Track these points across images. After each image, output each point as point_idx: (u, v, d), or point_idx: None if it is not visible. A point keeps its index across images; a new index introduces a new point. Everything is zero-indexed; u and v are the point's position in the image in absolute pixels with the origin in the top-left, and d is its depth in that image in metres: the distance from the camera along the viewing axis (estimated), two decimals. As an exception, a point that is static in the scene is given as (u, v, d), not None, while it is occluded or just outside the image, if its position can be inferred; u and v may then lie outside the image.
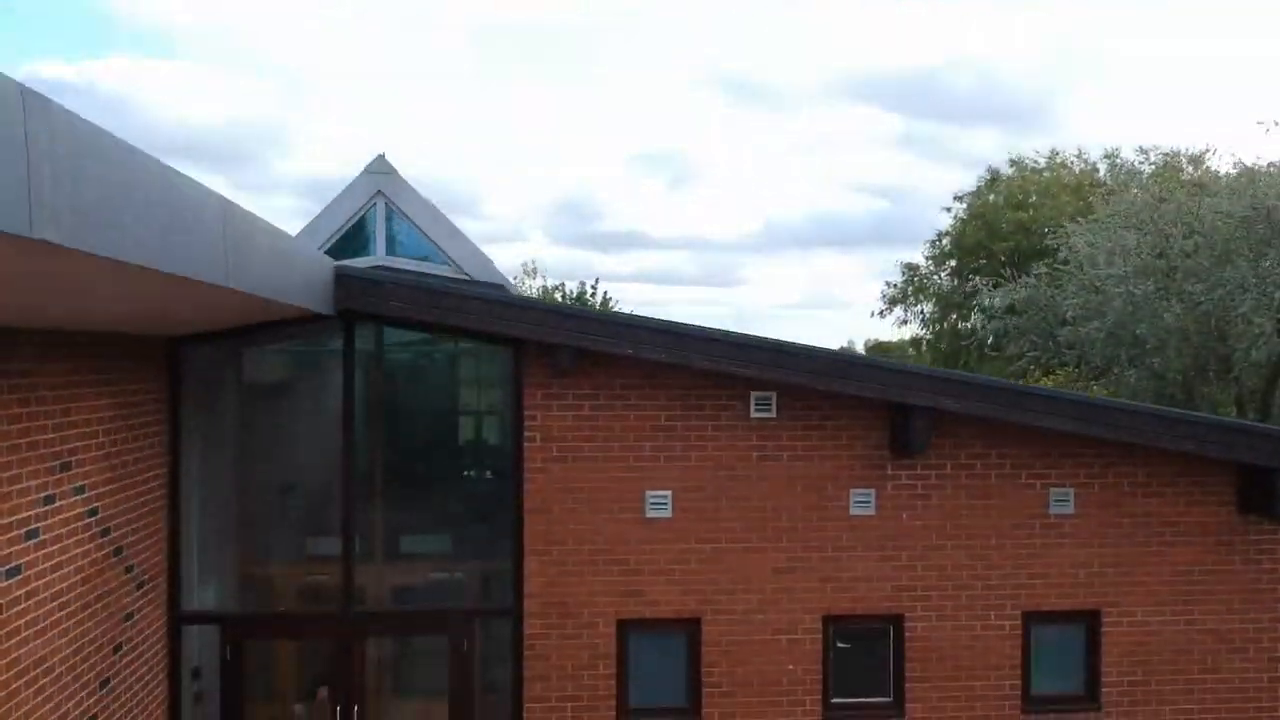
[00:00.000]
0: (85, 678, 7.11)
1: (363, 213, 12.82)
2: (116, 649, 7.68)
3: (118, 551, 7.70)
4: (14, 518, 6.10)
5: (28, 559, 6.30)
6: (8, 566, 6.01)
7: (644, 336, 8.62)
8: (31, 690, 6.35)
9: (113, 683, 7.59)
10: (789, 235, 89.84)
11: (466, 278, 13.20)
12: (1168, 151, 35.33)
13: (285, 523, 10.20)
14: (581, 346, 8.73)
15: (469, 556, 9.86)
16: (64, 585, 6.78)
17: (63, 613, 6.76)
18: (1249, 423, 9.33)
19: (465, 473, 10.15)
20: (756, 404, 9.22)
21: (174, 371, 8.87)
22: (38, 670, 6.43)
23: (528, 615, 9.04)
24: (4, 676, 6.00)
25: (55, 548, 6.66)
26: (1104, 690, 9.49)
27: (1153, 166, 34.27)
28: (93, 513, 7.25)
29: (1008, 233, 35.89)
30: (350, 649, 8.99)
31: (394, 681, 9.59)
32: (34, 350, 6.33)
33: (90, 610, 7.20)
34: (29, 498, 6.30)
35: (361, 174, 12.99)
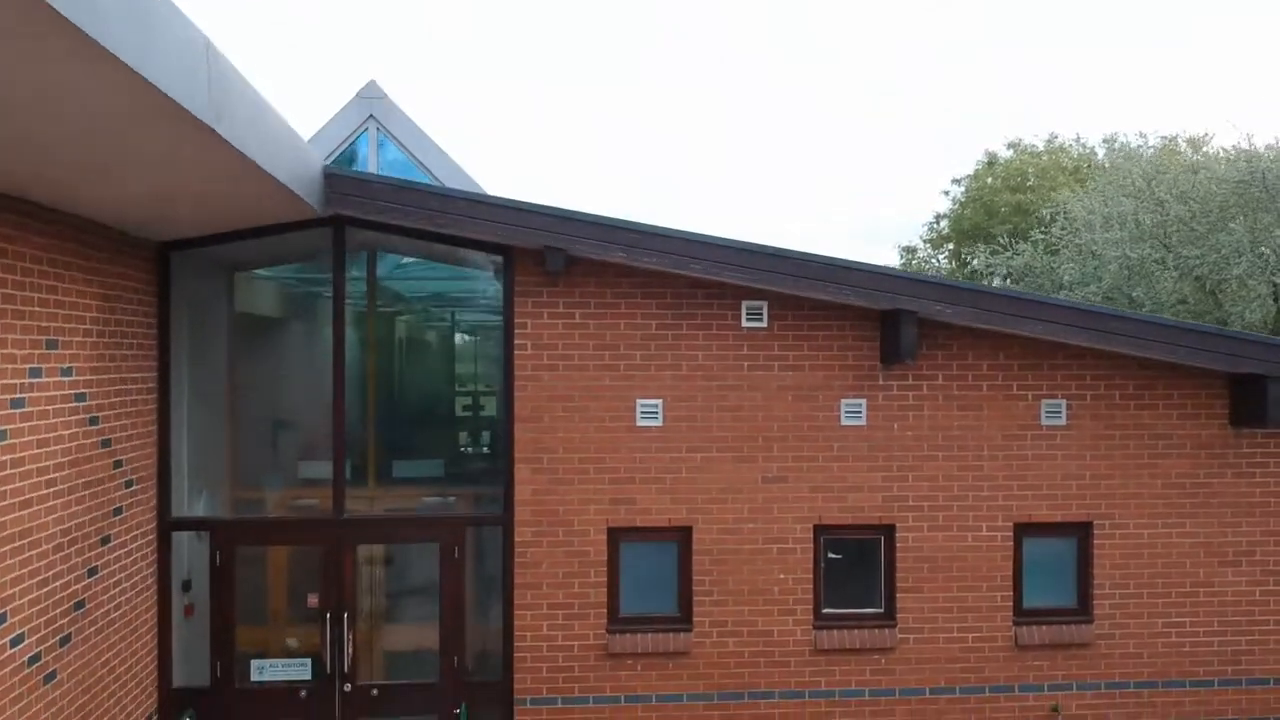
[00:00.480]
0: (73, 561, 7.10)
1: (353, 138, 12.79)
2: (104, 541, 7.66)
3: (106, 443, 7.69)
4: (-2, 381, 6.08)
5: (12, 428, 6.28)
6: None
7: (636, 240, 8.60)
8: (17, 561, 6.33)
9: (101, 573, 7.58)
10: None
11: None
12: (1167, 135, 35.38)
13: (276, 444, 10.21)
14: (573, 252, 8.71)
15: (463, 482, 9.85)
16: (50, 464, 6.77)
17: (50, 490, 6.74)
18: (1240, 331, 9.30)
19: (458, 392, 10.15)
20: (748, 314, 9.21)
21: (163, 280, 8.85)
22: (24, 542, 6.41)
23: (518, 523, 9.02)
24: (-12, 537, 5.99)
25: (41, 423, 6.64)
26: (1096, 602, 9.47)
27: (1151, 150, 34.31)
28: (80, 398, 7.23)
29: (1006, 215, 35.90)
30: (341, 555, 8.96)
31: (385, 589, 9.56)
32: (16, 218, 6.31)
33: (78, 496, 7.18)
34: (14, 365, 6.29)
35: (353, 99, 12.97)
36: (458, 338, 10.42)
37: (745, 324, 9.21)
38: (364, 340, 9.39)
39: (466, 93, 73.05)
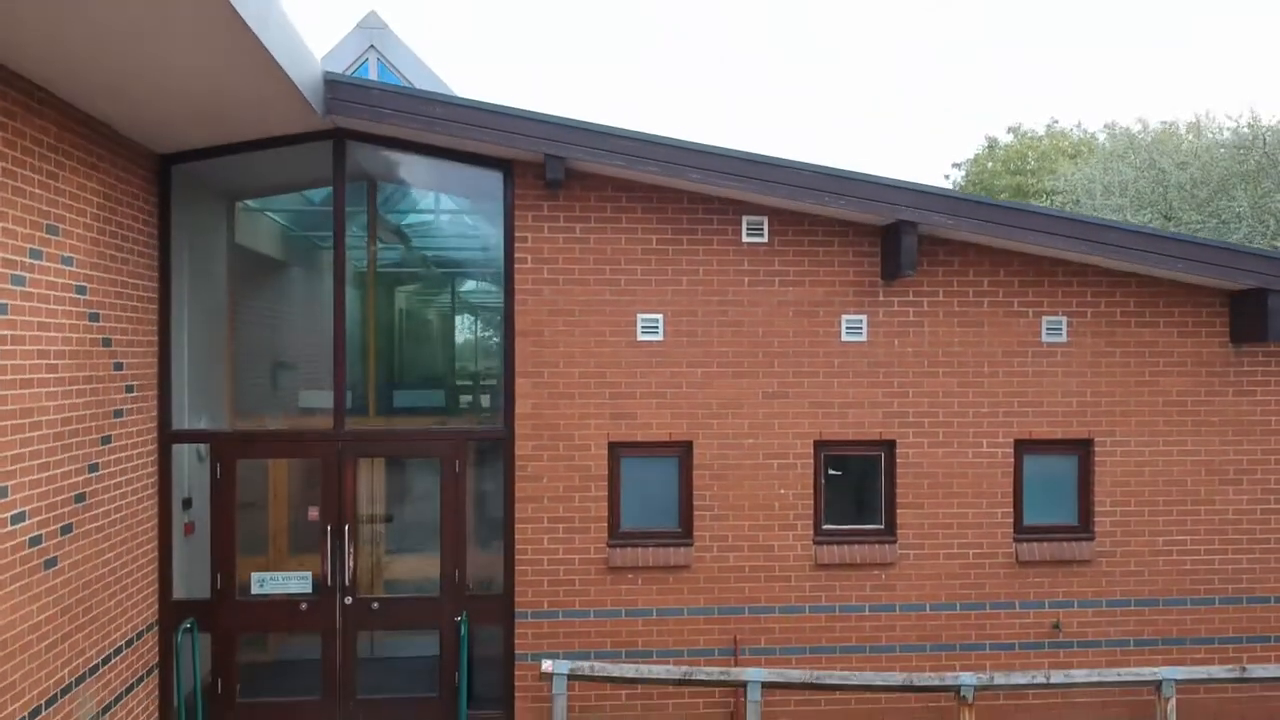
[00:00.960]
0: (74, 453, 7.10)
1: (354, 67, 12.77)
2: (105, 441, 7.66)
3: (106, 343, 7.69)
4: (-1, 253, 6.08)
5: (13, 304, 6.28)
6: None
7: (637, 148, 8.59)
8: (18, 439, 6.33)
9: (101, 472, 7.58)
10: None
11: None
12: (1167, 120, 35.37)
13: (276, 377, 10.21)
14: (573, 162, 8.70)
15: (463, 403, 9.87)
16: (51, 349, 6.77)
17: (50, 376, 6.74)
18: (1239, 244, 9.27)
19: (459, 310, 10.16)
20: (748, 229, 9.20)
21: (164, 195, 8.84)
22: (25, 422, 6.41)
23: (519, 437, 9.02)
24: (-11, 406, 5.99)
25: (42, 306, 6.65)
26: (1096, 520, 9.47)
27: (1150, 136, 34.26)
28: (81, 290, 7.23)
29: (1006, 197, 35.93)
30: (342, 469, 8.96)
31: (386, 503, 9.56)
32: (19, 96, 6.32)
33: (78, 389, 7.18)
34: (14, 242, 6.29)
35: (354, 29, 12.97)
36: (457, 265, 10.40)
37: (746, 239, 9.20)
38: (364, 273, 9.36)
39: (464, 73, 73.02)
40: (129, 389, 8.14)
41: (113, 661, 7.77)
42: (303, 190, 10.36)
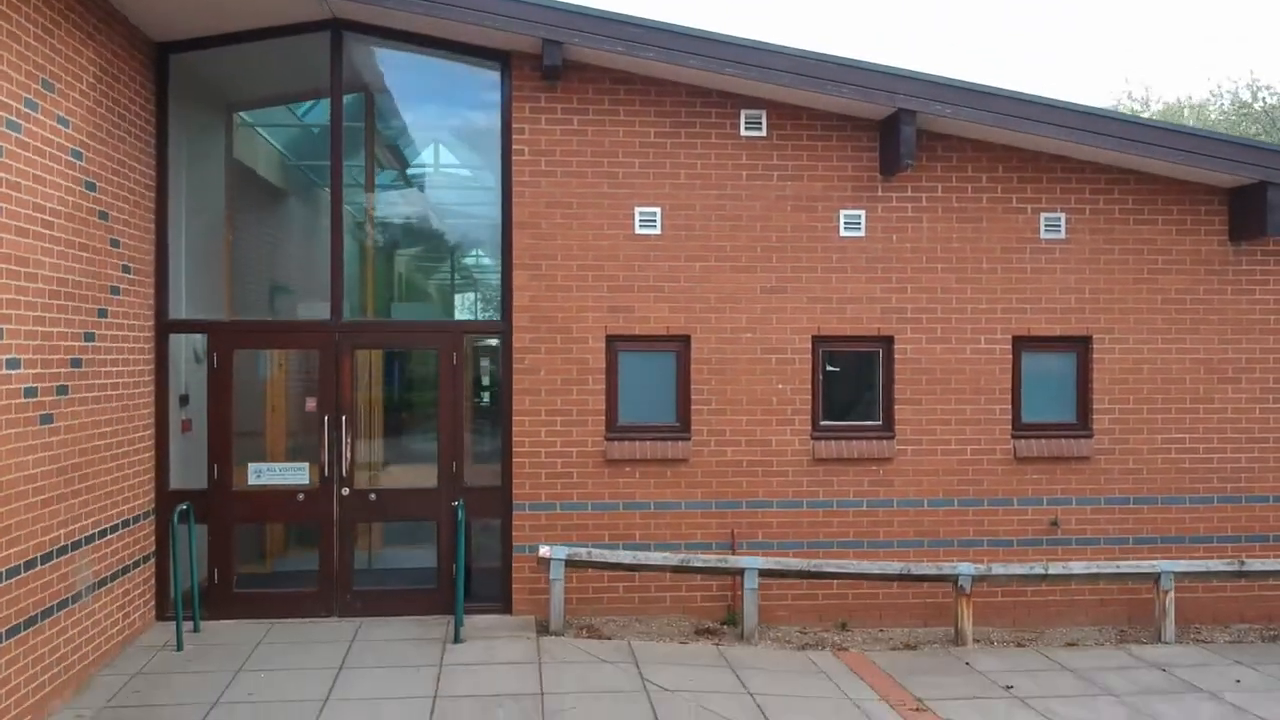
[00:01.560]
0: (70, 318, 7.08)
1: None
2: (101, 314, 7.65)
3: (103, 215, 7.67)
4: (-6, 89, 6.06)
5: (7, 147, 6.26)
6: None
7: (636, 34, 8.56)
8: (14, 286, 6.31)
9: (98, 343, 7.56)
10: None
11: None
12: (1169, 102, 35.24)
13: (273, 300, 10.23)
14: (571, 50, 8.67)
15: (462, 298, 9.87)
16: (47, 205, 6.75)
17: (46, 231, 6.73)
18: (1240, 137, 9.19)
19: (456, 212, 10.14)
20: (747, 123, 9.18)
21: (161, 85, 8.82)
22: (21, 270, 6.39)
23: (516, 329, 9.00)
24: (-16, 243, 5.97)
25: (38, 159, 6.63)
26: (1095, 417, 9.45)
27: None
28: (77, 155, 7.21)
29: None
30: (340, 360, 8.94)
31: (384, 393, 9.54)
32: (14, -60, 6.29)
33: (74, 254, 7.17)
34: (9, 85, 6.27)
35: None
36: (452, 163, 10.37)
37: (744, 133, 9.18)
38: (361, 185, 9.33)
39: None
40: (125, 269, 8.12)
41: (109, 538, 7.76)
42: (300, 100, 10.36)
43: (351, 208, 9.36)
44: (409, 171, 10.30)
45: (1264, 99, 22.78)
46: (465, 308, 9.53)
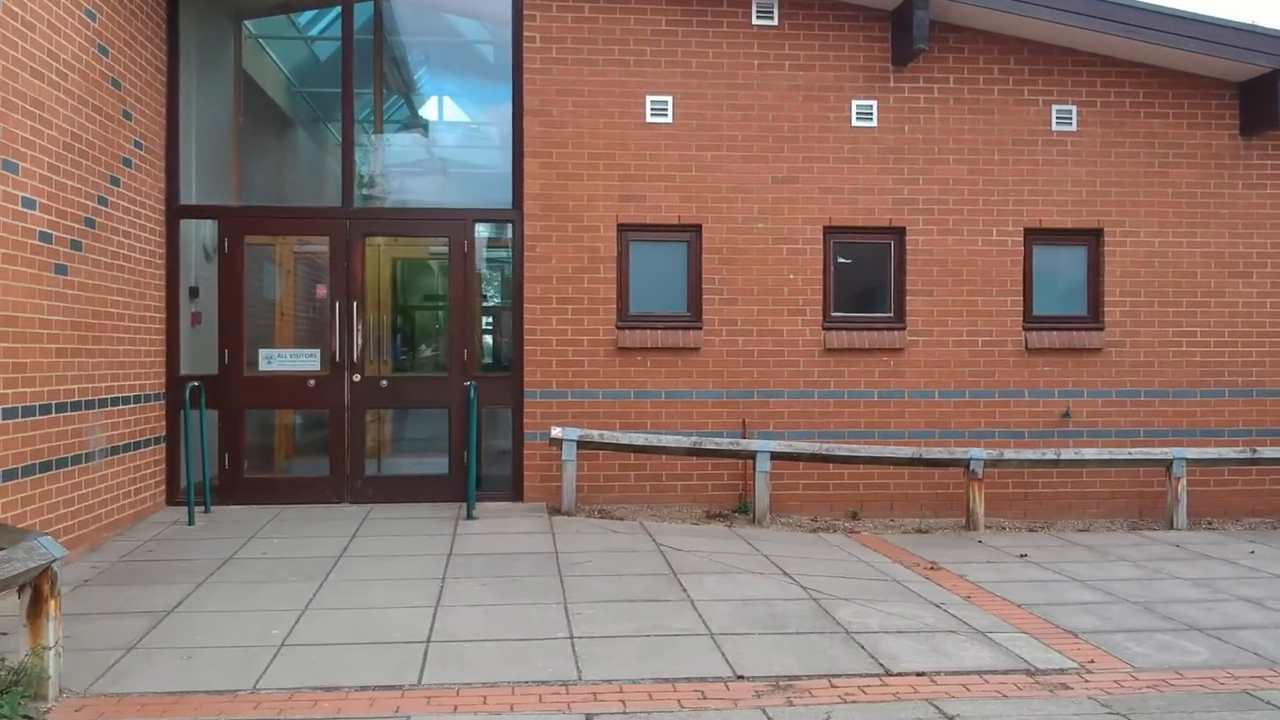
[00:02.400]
0: (82, 176, 7.07)
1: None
2: (114, 181, 7.64)
3: (115, 84, 7.66)
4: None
5: (24, -13, 6.24)
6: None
7: (645, -84, 8.55)
8: (28, 124, 6.29)
9: (109, 210, 7.55)
10: None
11: None
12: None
13: (287, 164, 10.21)
14: (582, -64, 8.66)
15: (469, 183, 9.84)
16: (61, 55, 6.74)
17: (60, 80, 6.71)
18: (1250, 24, 9.14)
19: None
20: (758, 11, 9.17)
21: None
22: (35, 111, 6.38)
23: (527, 217, 8.98)
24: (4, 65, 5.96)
25: (52, 5, 6.61)
26: (1106, 310, 9.44)
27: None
28: (91, 16, 7.20)
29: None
30: (350, 247, 8.93)
31: (394, 283, 9.53)
32: None
33: (87, 113, 7.16)
34: (25, -77, 6.25)
35: None
36: (464, 51, 10.34)
37: (756, 22, 9.17)
38: (364, 73, 9.32)
39: None
40: (137, 144, 8.10)
41: (121, 408, 7.74)
42: (307, 9, 10.34)
43: (362, 101, 9.33)
44: (416, 61, 10.26)
45: None
46: (476, 196, 9.49)
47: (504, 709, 4.41)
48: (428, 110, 10.35)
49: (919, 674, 4.90)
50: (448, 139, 10.02)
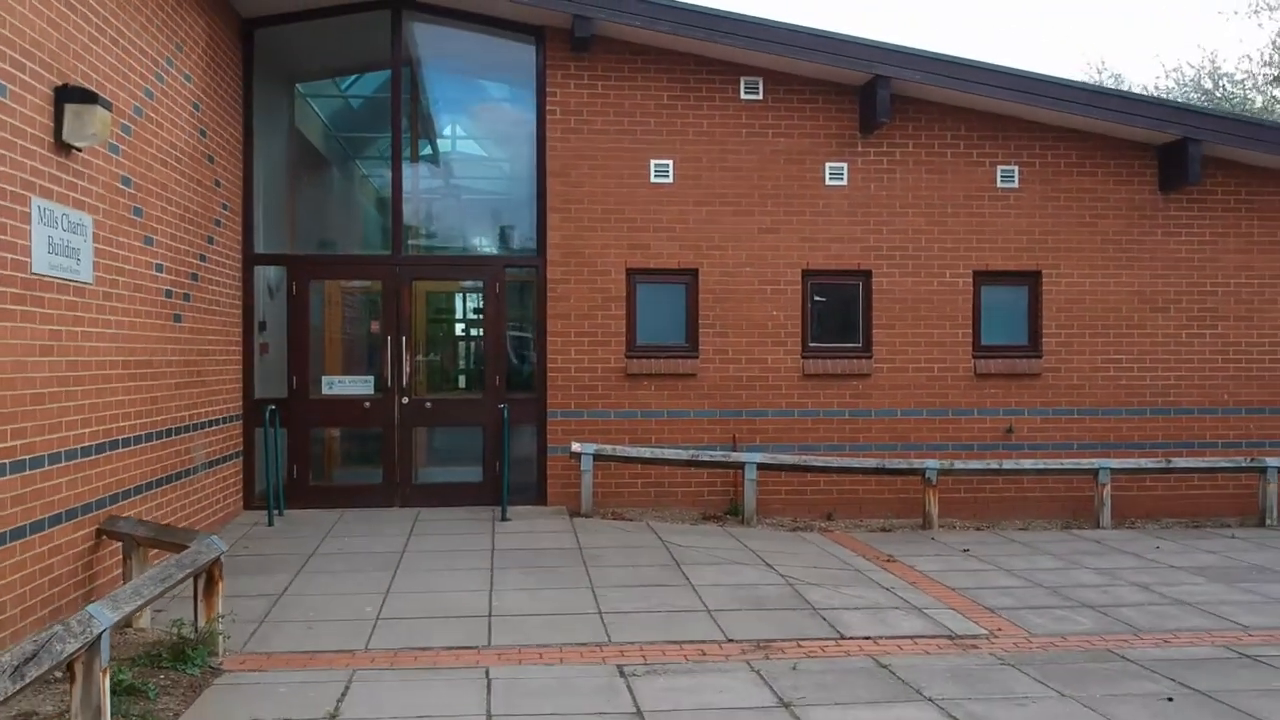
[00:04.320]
0: (190, 240, 8.61)
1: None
2: (209, 240, 9.18)
3: (210, 159, 9.21)
4: (131, 51, 7.60)
5: (155, 93, 7.79)
6: (130, 105, 7.51)
7: (650, 10, 10.09)
8: (159, 205, 7.83)
9: (208, 263, 9.10)
10: None
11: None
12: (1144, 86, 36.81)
13: (337, 213, 11.76)
14: (596, 24, 10.20)
15: (501, 238, 11.40)
16: (177, 143, 8.28)
17: (176, 165, 8.25)
18: (1165, 99, 10.65)
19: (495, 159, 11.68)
20: (745, 87, 10.74)
21: (248, 52, 10.34)
22: (163, 194, 7.91)
23: (550, 263, 10.55)
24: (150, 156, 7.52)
25: (175, 106, 8.16)
26: (1044, 340, 11.04)
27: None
28: (196, 106, 8.75)
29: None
30: (400, 289, 10.48)
31: (436, 319, 11.08)
32: (160, -73, 7.83)
33: (193, 187, 8.70)
34: (156, 44, 7.80)
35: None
36: (493, 122, 11.89)
37: (743, 96, 10.74)
38: (410, 140, 10.87)
39: None
40: (224, 206, 9.66)
41: (214, 429, 9.29)
42: (353, 73, 11.90)
43: (408, 164, 10.87)
44: (455, 130, 11.82)
45: (1224, 86, 24.42)
46: (506, 245, 11.08)
47: (555, 662, 5.97)
48: (462, 170, 11.90)
49: (866, 638, 6.47)
50: (480, 195, 11.57)
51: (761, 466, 10.22)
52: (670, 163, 10.66)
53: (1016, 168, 10.99)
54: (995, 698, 5.43)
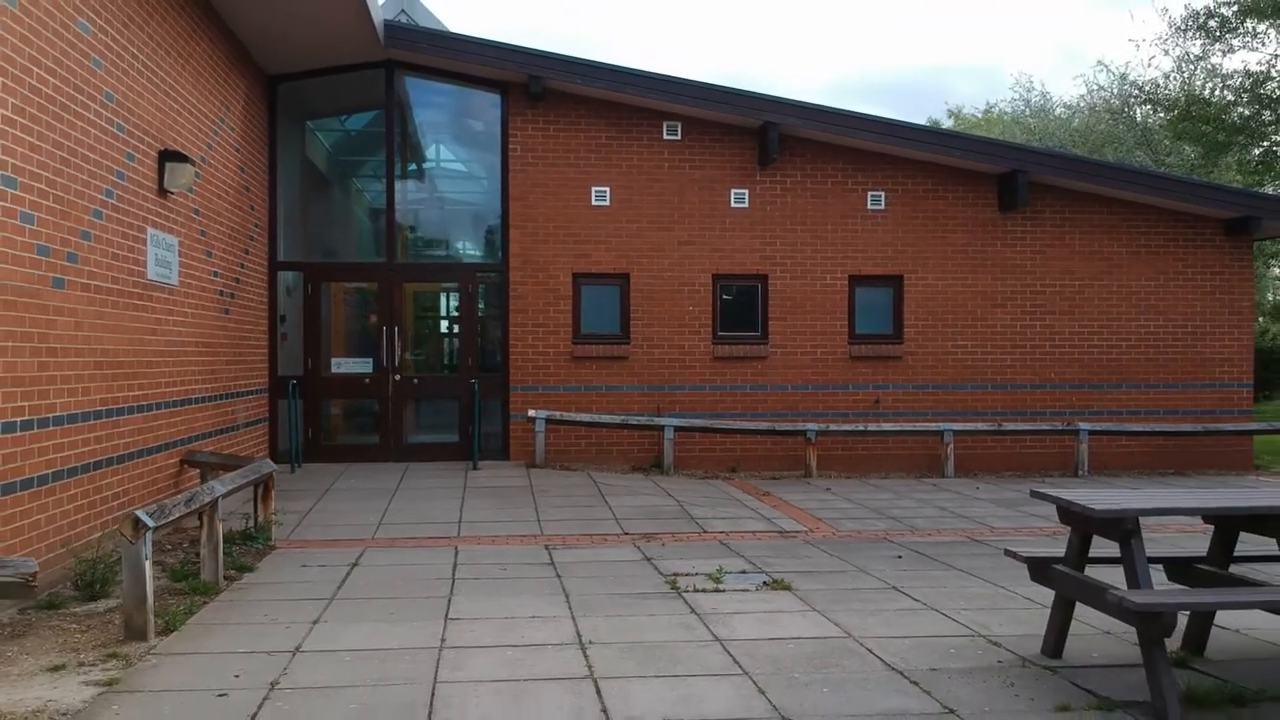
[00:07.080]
0: (235, 252, 11.38)
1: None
2: (246, 251, 11.96)
3: (246, 189, 11.98)
4: (199, 115, 10.40)
5: (213, 144, 10.56)
6: (198, 156, 10.29)
7: (589, 71, 12.92)
8: (218, 229, 10.60)
9: (247, 270, 11.87)
10: None
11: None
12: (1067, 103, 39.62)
13: (341, 231, 14.52)
14: (548, 83, 13.01)
15: (474, 246, 14.16)
16: (227, 181, 11.05)
17: (228, 195, 11.02)
18: (999, 139, 13.42)
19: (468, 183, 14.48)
20: (667, 130, 13.56)
21: (272, 101, 13.11)
22: (221, 219, 10.68)
23: (512, 269, 13.34)
24: (216, 185, 10.29)
25: (224, 152, 10.93)
26: (905, 330, 13.89)
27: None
28: (238, 149, 11.52)
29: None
30: (392, 289, 13.27)
31: (422, 313, 13.87)
32: (219, 38, 10.60)
33: (238, 213, 11.47)
34: (214, 100, 10.57)
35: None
36: (465, 157, 14.70)
37: (666, 137, 13.55)
38: (400, 170, 13.65)
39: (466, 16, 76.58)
40: (256, 225, 12.43)
41: (249, 398, 12.06)
42: (353, 113, 14.66)
43: (398, 185, 13.64)
44: (436, 162, 14.63)
45: (1134, 104, 27.28)
46: (477, 253, 13.90)
47: (503, 545, 8.77)
48: (443, 196, 14.70)
49: (721, 533, 9.29)
50: (457, 212, 14.37)
51: (679, 429, 13.04)
52: (608, 189, 13.46)
53: (884, 193, 13.83)
54: (786, 556, 8.27)
